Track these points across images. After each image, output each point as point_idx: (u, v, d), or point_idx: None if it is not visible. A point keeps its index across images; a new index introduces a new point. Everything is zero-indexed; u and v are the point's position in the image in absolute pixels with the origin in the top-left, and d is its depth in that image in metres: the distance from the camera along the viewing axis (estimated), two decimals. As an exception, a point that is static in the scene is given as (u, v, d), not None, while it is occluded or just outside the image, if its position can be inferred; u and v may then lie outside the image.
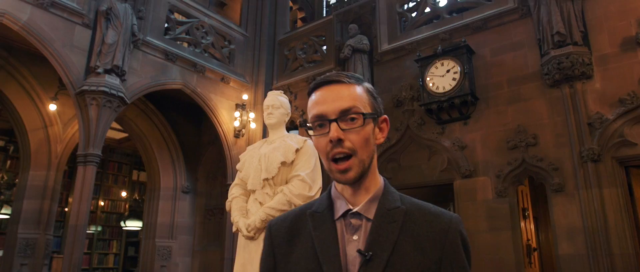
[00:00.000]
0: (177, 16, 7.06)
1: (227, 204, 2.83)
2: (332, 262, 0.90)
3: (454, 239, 0.92)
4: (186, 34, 6.99)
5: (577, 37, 4.83)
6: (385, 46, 6.51)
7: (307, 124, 0.97)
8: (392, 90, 6.26)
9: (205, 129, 8.18)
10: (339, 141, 0.91)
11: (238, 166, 2.88)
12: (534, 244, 6.26)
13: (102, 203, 10.24)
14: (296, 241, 0.99)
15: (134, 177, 10.89)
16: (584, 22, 4.91)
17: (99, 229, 9.99)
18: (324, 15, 9.63)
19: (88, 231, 9.54)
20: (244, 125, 7.24)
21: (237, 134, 7.26)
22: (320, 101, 0.94)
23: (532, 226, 6.44)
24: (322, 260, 0.91)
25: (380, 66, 6.49)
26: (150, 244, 7.44)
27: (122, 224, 9.46)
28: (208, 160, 8.04)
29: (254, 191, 2.70)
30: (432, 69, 5.72)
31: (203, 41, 7.19)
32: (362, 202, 0.95)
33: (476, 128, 5.46)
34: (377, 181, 0.99)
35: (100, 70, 5.54)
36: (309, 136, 0.98)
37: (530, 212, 6.25)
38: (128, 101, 5.83)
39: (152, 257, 7.33)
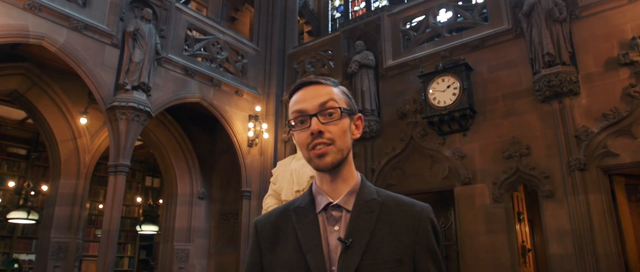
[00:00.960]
0: (195, 33, 7.54)
1: (263, 212, 3.31)
2: (315, 251, 0.97)
3: (426, 225, 1.00)
4: (203, 50, 7.48)
5: (565, 57, 5.33)
6: (390, 62, 7.00)
7: (289, 121, 1.06)
8: (397, 103, 6.75)
9: (219, 138, 8.65)
10: (320, 133, 0.99)
11: (272, 179, 3.36)
12: (528, 245, 6.74)
13: (116, 208, 10.68)
14: (281, 235, 1.05)
15: (147, 183, 11.35)
16: (571, 44, 5.42)
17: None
18: (329, 28, 10.15)
19: (100, 235, 10.06)
20: (257, 135, 7.72)
21: (251, 143, 7.73)
22: (300, 100, 1.04)
23: (527, 228, 6.92)
24: (306, 250, 0.98)
25: (385, 80, 6.98)
26: (169, 247, 7.90)
27: (137, 228, 9.91)
28: (221, 167, 8.52)
29: (287, 201, 3.18)
30: (434, 85, 6.21)
31: (218, 56, 7.67)
32: (341, 195, 1.03)
33: (474, 139, 5.95)
34: (354, 175, 1.07)
35: (128, 87, 6.02)
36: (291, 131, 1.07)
37: (525, 216, 6.73)
38: (153, 115, 6.31)
39: (170, 259, 7.79)
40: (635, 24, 5.09)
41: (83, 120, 6.68)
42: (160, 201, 10.74)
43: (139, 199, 10.81)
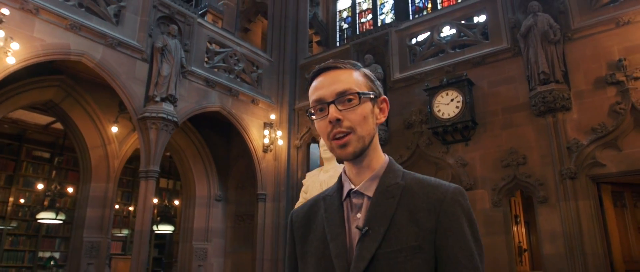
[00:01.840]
0: (214, 46, 8.05)
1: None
2: (337, 240, 0.96)
3: (450, 208, 0.92)
4: (222, 62, 7.99)
5: (558, 76, 5.87)
6: (397, 75, 7.54)
7: (309, 110, 1.02)
8: (404, 114, 7.29)
9: (234, 144, 9.18)
10: (338, 121, 0.96)
11: (303, 189, 3.89)
12: (525, 246, 7.30)
13: (131, 208, 11.19)
14: (312, 224, 1.06)
15: (162, 184, 11.84)
16: (564, 63, 5.96)
17: (128, 232, 10.93)
18: (337, 39, 10.68)
19: (119, 235, 10.58)
20: (272, 141, 8.24)
21: (266, 149, 8.26)
22: (318, 87, 1.00)
23: (524, 230, 7.49)
24: (329, 238, 0.97)
25: (393, 92, 7.52)
26: (188, 247, 8.42)
27: (154, 227, 10.41)
28: (237, 172, 9.04)
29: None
30: (439, 98, 6.75)
31: (236, 67, 8.19)
32: (363, 181, 1.00)
33: (476, 149, 6.49)
34: (380, 160, 1.02)
35: (157, 98, 6.54)
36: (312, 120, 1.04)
37: (521, 219, 7.30)
38: (179, 125, 6.83)
39: (190, 258, 8.31)
40: (621, 47, 5.63)
41: (114, 129, 7.20)
42: (176, 202, 11.25)
43: (155, 200, 11.30)
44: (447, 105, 6.64)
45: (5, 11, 5.09)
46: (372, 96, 1.01)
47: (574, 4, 6.07)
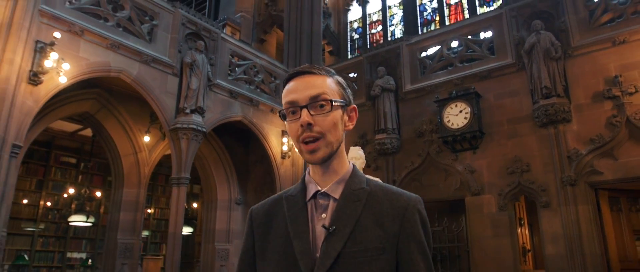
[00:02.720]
0: (235, 59, 8.57)
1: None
2: (301, 238, 0.99)
3: (412, 216, 0.99)
4: (243, 74, 8.51)
5: (559, 90, 6.37)
6: (408, 86, 8.04)
7: (281, 111, 1.06)
8: (415, 123, 7.80)
9: (252, 150, 9.69)
10: (309, 125, 0.99)
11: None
12: (528, 246, 7.81)
13: (151, 211, 11.72)
14: (273, 222, 1.08)
15: (179, 187, 12.36)
16: (565, 78, 6.46)
17: (148, 233, 11.46)
18: (348, 48, 11.19)
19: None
20: (290, 148, 8.76)
21: (284, 156, 8.78)
22: (292, 90, 1.03)
23: (527, 232, 8.00)
24: (293, 236, 1.00)
25: (405, 103, 8.03)
26: (210, 247, 8.94)
27: (174, 229, 10.92)
28: (255, 176, 9.56)
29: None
30: (448, 109, 7.26)
31: (255, 79, 8.70)
32: (330, 184, 1.03)
33: (483, 156, 7.00)
34: (345, 165, 1.07)
35: (187, 110, 7.05)
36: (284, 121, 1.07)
37: (525, 221, 7.81)
38: (207, 134, 7.35)
39: (212, 258, 8.83)
40: (617, 64, 6.13)
41: (146, 138, 7.72)
42: (194, 205, 11.76)
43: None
44: (456, 116, 7.15)
45: (57, 34, 5.61)
46: (343, 104, 1.05)
47: (574, 23, 6.57)
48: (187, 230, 11.07)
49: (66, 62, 5.67)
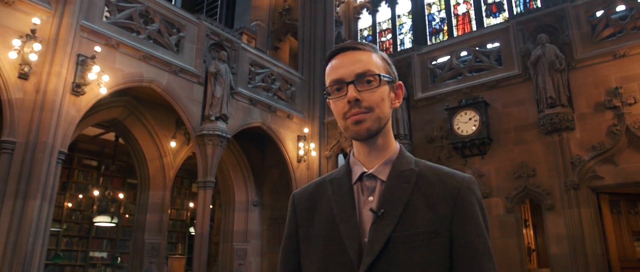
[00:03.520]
0: (254, 68, 8.99)
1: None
2: (348, 222, 0.96)
3: (466, 196, 0.95)
4: (261, 82, 8.93)
5: (563, 100, 6.80)
6: (419, 94, 8.47)
7: (326, 89, 1.02)
8: (426, 130, 8.23)
9: (268, 154, 10.11)
10: (356, 101, 0.96)
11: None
12: (533, 246, 8.26)
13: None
14: (317, 206, 1.05)
15: (194, 189, 12.80)
16: (569, 89, 6.89)
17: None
18: (359, 56, 11.61)
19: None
20: (306, 152, 9.19)
21: (300, 159, 9.21)
22: (337, 66, 1.01)
23: (532, 232, 8.44)
24: (339, 220, 0.97)
25: (416, 110, 8.46)
26: (228, 247, 9.36)
27: (191, 230, 11.37)
28: (271, 179, 9.98)
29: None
30: (458, 117, 7.69)
31: (273, 86, 9.13)
32: (376, 165, 1.00)
33: (491, 162, 7.43)
34: (392, 145, 1.04)
35: (212, 117, 7.47)
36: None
37: (530, 222, 8.25)
38: (230, 140, 7.77)
39: (230, 257, 9.25)
40: (618, 76, 6.57)
41: (173, 144, 8.15)
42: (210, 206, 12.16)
43: (191, 204, 12.26)
44: (466, 123, 7.58)
45: (98, 48, 6.04)
46: (390, 80, 1.02)
47: (577, 37, 7.01)
48: (202, 230, 11.47)
49: (105, 73, 6.10)
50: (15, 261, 4.87)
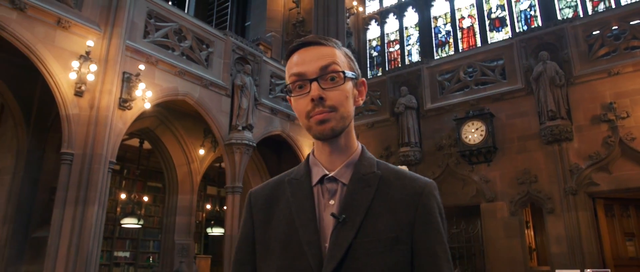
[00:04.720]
0: (274, 79, 9.57)
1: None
2: (308, 226, 0.92)
3: (427, 202, 0.93)
4: (281, 92, 9.52)
5: (563, 113, 7.47)
6: (429, 105, 9.11)
7: (287, 86, 0.97)
8: (435, 138, 8.88)
9: (283, 159, 10.71)
10: (320, 100, 0.91)
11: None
12: (533, 246, 8.94)
13: (183, 212, 12.70)
14: (275, 207, 1.00)
15: (209, 191, 13.36)
16: (568, 103, 7.56)
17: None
18: (368, 65, 12.24)
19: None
20: (322, 158, 9.80)
21: (316, 165, 9.81)
22: (299, 62, 0.95)
23: (532, 233, 9.12)
24: (298, 224, 0.93)
25: (426, 120, 9.10)
26: (248, 246, 9.95)
27: (208, 230, 11.95)
28: (287, 182, 10.58)
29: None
30: (466, 127, 8.34)
31: (290, 96, 9.71)
32: (338, 167, 0.96)
33: (496, 168, 8.09)
34: (354, 145, 1.00)
35: (239, 127, 8.06)
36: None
37: (531, 224, 8.92)
38: (255, 147, 8.37)
39: (250, 256, 9.84)
40: (612, 92, 7.24)
41: (201, 151, 8.73)
42: (225, 208, 12.74)
43: (208, 206, 12.82)
44: (473, 133, 8.24)
45: (142, 67, 6.60)
46: (353, 77, 0.99)
47: (575, 56, 7.67)
48: (218, 231, 12.06)
49: (148, 89, 6.66)
50: (79, 262, 5.44)
